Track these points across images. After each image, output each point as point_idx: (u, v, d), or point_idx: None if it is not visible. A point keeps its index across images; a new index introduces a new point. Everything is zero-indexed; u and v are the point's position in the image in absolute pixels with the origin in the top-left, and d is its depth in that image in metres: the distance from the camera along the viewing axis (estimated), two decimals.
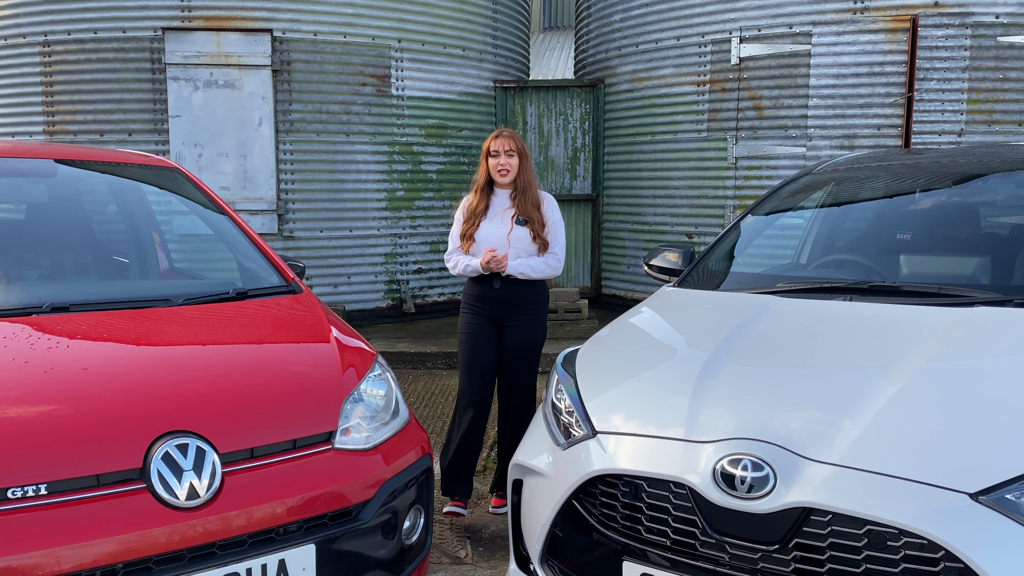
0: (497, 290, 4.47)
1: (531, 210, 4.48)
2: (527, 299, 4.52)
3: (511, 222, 4.48)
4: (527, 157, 4.54)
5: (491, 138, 4.55)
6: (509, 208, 4.52)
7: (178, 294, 3.42)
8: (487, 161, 4.53)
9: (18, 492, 2.25)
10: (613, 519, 2.57)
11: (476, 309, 4.55)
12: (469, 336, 4.56)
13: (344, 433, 2.87)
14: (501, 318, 4.52)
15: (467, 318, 4.61)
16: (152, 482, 2.40)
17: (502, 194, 4.56)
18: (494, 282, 4.47)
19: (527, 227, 4.45)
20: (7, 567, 2.15)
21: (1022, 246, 3.49)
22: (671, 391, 2.72)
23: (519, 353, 4.54)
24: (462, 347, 4.61)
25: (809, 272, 3.89)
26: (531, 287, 4.53)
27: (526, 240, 4.45)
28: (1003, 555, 2.00)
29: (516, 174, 4.49)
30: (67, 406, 2.50)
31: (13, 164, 3.97)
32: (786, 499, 2.22)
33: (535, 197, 4.54)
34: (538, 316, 4.61)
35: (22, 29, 9.28)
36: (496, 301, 4.49)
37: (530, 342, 4.56)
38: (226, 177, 9.06)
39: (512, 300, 4.48)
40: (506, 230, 4.46)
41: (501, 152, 4.46)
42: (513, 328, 4.51)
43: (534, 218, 4.47)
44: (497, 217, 4.51)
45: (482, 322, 4.53)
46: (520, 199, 4.49)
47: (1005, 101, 8.22)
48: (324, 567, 2.63)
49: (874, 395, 2.42)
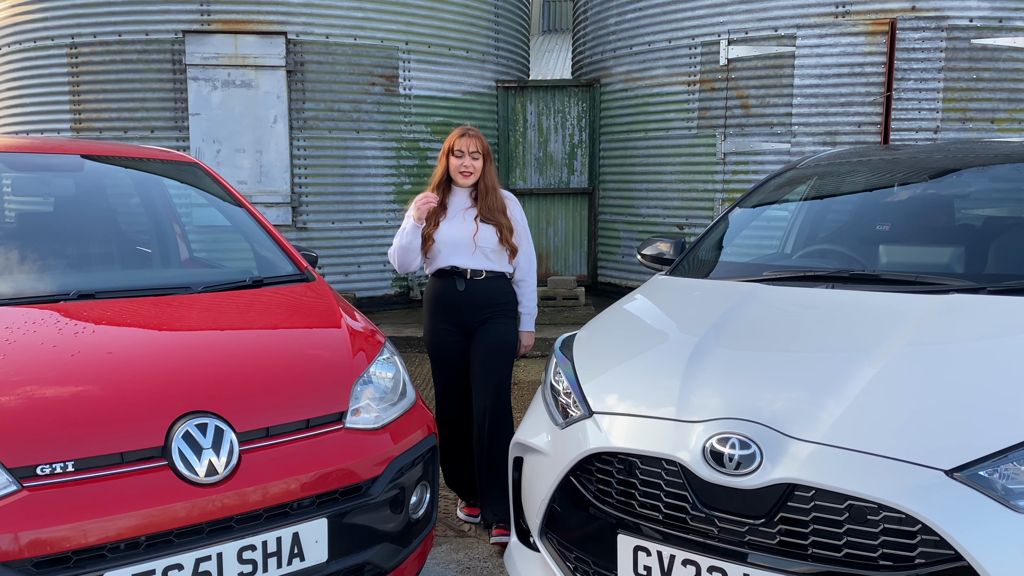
0: (461, 293, 3.90)
1: (497, 215, 3.93)
2: (494, 299, 3.95)
3: (475, 222, 3.91)
4: (491, 160, 3.99)
5: (455, 135, 3.95)
6: (471, 207, 3.95)
7: (197, 282, 3.40)
8: (448, 159, 3.95)
9: (47, 469, 2.24)
10: (608, 495, 2.56)
11: (440, 315, 3.98)
12: (437, 348, 4.00)
13: (354, 413, 2.86)
14: (468, 322, 3.94)
15: (432, 324, 4.02)
16: (173, 459, 2.39)
17: (461, 192, 3.99)
18: (457, 283, 3.91)
19: (493, 227, 3.91)
20: (37, 539, 2.14)
21: (995, 237, 3.47)
22: (663, 373, 2.71)
23: (488, 359, 3.93)
24: (433, 362, 4.06)
25: (793, 261, 3.87)
26: (499, 286, 3.98)
27: (492, 241, 3.89)
28: (977, 528, 1.99)
29: (479, 177, 3.95)
30: (93, 388, 2.49)
31: (42, 159, 3.97)
32: (772, 476, 2.21)
33: (500, 201, 3.97)
34: (508, 317, 4.02)
35: (50, 32, 9.25)
36: (461, 307, 3.92)
37: (500, 346, 3.96)
38: (243, 172, 9.04)
39: (479, 302, 3.92)
40: (471, 231, 3.89)
41: (466, 152, 3.89)
42: (482, 332, 3.94)
43: (502, 223, 3.92)
44: (458, 216, 3.94)
45: (449, 328, 3.96)
46: (483, 201, 3.94)
47: (978, 100, 8.19)
48: (336, 540, 2.63)
49: (855, 377, 2.41)
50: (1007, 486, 2.04)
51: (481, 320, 3.94)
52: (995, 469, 2.06)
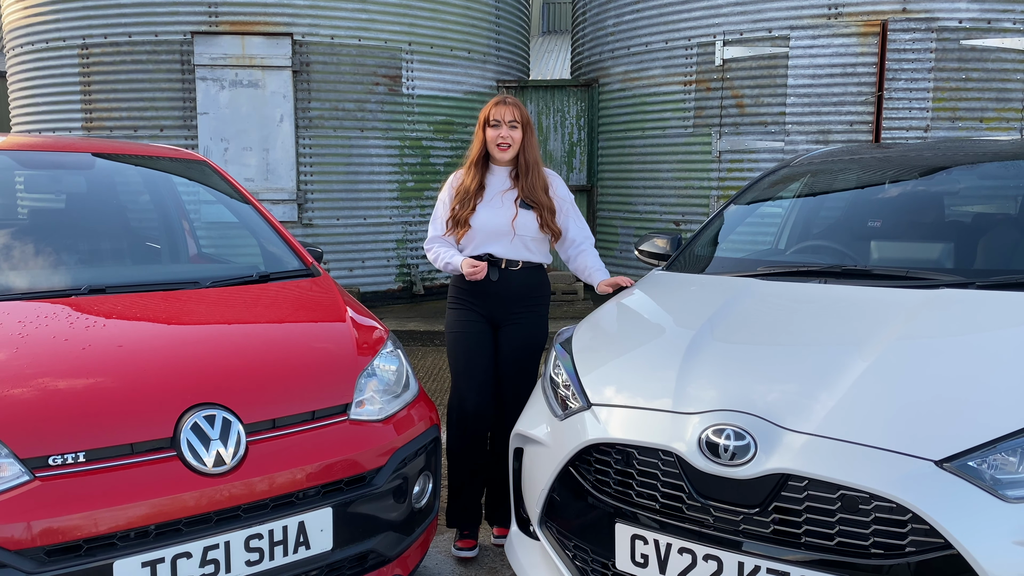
0: (494, 283, 3.50)
1: (539, 194, 3.50)
2: (529, 293, 3.57)
3: (515, 205, 3.49)
4: (532, 131, 3.52)
5: (491, 105, 3.50)
6: (511, 189, 3.53)
7: (206, 277, 3.40)
8: (484, 132, 3.51)
9: (58, 460, 2.24)
10: (606, 484, 2.56)
11: (468, 304, 3.57)
12: (461, 336, 3.56)
13: (359, 405, 2.85)
14: (497, 315, 3.55)
15: (457, 315, 3.60)
16: (182, 450, 2.39)
17: (500, 172, 3.56)
18: (491, 273, 3.49)
19: (533, 211, 3.49)
20: (49, 528, 2.14)
21: (983, 233, 3.46)
22: (660, 366, 2.70)
23: (518, 357, 3.57)
24: (454, 350, 3.60)
25: (787, 257, 3.86)
26: (535, 277, 3.59)
27: (533, 227, 3.50)
28: (965, 517, 1.99)
29: (519, 149, 3.51)
30: (103, 380, 2.49)
31: (54, 157, 3.97)
32: (766, 466, 2.21)
33: (542, 178, 3.54)
34: (540, 312, 3.63)
35: (62, 33, 9.23)
36: (492, 296, 3.51)
37: (531, 344, 3.59)
38: (250, 169, 9.03)
39: (512, 294, 3.53)
40: (509, 215, 3.48)
41: (503, 122, 3.45)
42: (511, 327, 3.56)
43: (543, 203, 3.50)
44: (496, 199, 3.51)
45: (475, 319, 3.55)
46: (524, 180, 3.51)
47: (967, 99, 8.18)
48: (340, 528, 2.62)
49: (847, 370, 2.40)
50: (995, 476, 2.04)
51: (512, 314, 3.56)
52: (984, 459, 2.06)
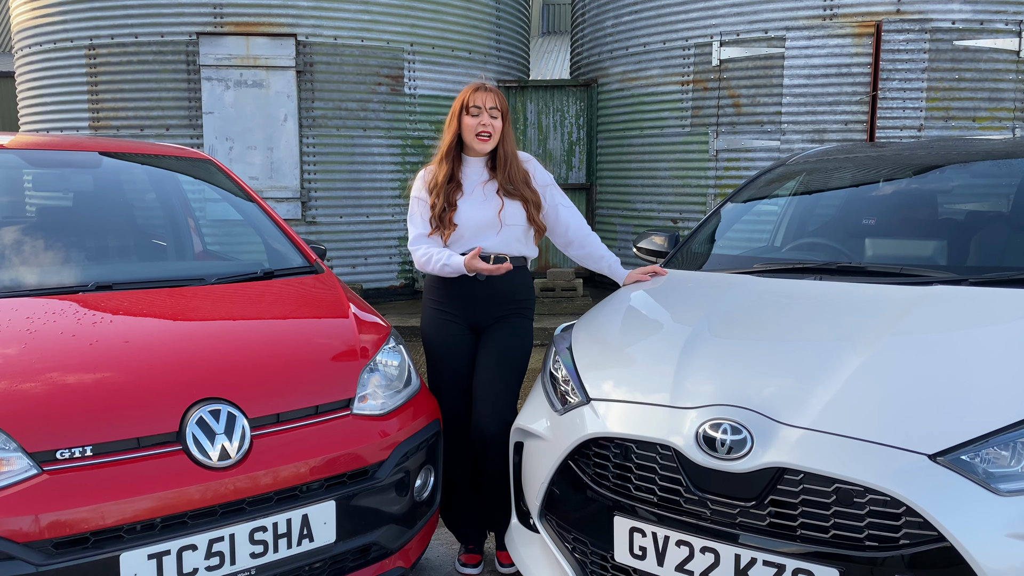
0: (481, 283, 3.17)
1: (521, 187, 3.19)
2: (514, 296, 3.25)
3: (498, 196, 3.16)
4: (509, 121, 3.20)
5: (469, 90, 3.14)
6: (489, 180, 3.19)
7: (211, 274, 3.39)
8: (461, 121, 3.15)
9: (66, 453, 2.23)
10: (605, 478, 2.55)
11: (446, 307, 3.26)
12: (439, 342, 3.28)
13: (361, 400, 2.85)
14: (479, 320, 3.25)
15: (434, 316, 3.29)
16: (187, 444, 2.39)
17: (475, 163, 3.22)
18: (476, 275, 3.15)
19: (520, 204, 3.19)
20: (56, 521, 2.14)
21: (976, 230, 3.46)
22: (658, 362, 2.70)
23: (498, 368, 3.21)
24: (432, 357, 3.31)
25: (783, 254, 3.86)
26: (520, 281, 3.26)
27: (520, 217, 3.19)
28: (959, 510, 1.98)
29: (497, 141, 3.17)
30: (110, 375, 2.48)
31: (62, 156, 3.96)
32: (762, 460, 2.20)
33: (522, 171, 3.22)
34: (525, 319, 3.30)
35: (70, 34, 9.22)
36: (474, 299, 3.20)
37: (514, 355, 3.25)
38: (254, 168, 9.02)
39: (495, 298, 3.21)
40: (495, 207, 3.15)
41: (483, 109, 3.10)
42: (493, 333, 3.24)
43: (527, 197, 3.19)
44: (478, 192, 3.18)
45: (454, 321, 3.25)
46: (502, 174, 3.17)
47: (960, 99, 8.17)
48: (343, 521, 2.62)
49: (842, 365, 2.39)
50: (988, 470, 2.03)
51: (495, 318, 3.25)
52: (976, 453, 2.06)
